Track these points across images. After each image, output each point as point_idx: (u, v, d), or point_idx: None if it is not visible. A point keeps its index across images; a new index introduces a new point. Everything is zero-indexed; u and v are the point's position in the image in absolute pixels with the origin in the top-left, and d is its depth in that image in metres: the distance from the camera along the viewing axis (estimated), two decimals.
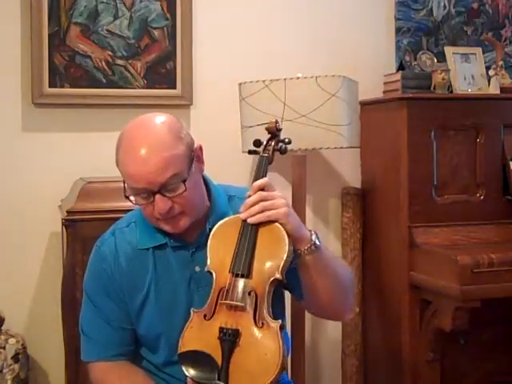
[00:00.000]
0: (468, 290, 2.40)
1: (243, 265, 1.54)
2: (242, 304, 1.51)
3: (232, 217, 1.64)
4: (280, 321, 1.51)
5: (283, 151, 1.71)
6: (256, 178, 1.62)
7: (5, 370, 2.44)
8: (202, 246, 1.66)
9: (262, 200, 1.55)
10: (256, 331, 1.49)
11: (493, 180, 2.81)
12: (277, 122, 1.72)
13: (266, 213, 1.55)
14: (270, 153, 1.69)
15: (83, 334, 1.74)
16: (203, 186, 1.70)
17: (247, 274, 1.53)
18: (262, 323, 1.49)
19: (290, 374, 2.59)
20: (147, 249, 1.69)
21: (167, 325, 1.67)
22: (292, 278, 1.63)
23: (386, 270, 2.90)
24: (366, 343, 3.04)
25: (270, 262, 1.54)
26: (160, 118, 1.63)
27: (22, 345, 2.53)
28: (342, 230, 3.07)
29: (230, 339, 1.47)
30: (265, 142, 1.71)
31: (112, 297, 1.69)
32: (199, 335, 1.52)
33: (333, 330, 3.09)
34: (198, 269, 1.67)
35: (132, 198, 1.61)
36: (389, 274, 2.87)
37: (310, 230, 1.62)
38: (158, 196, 1.57)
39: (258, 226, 1.56)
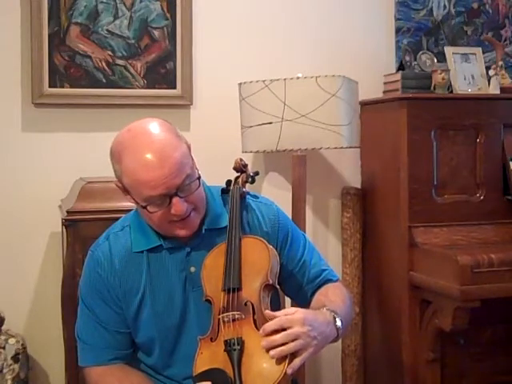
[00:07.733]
0: (468, 289, 2.39)
1: (232, 280, 1.59)
2: (240, 313, 1.54)
3: (216, 247, 1.68)
4: None
5: (252, 182, 1.86)
6: (231, 209, 1.70)
7: (5, 370, 2.44)
8: (197, 247, 1.68)
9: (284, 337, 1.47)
10: (259, 335, 1.50)
11: (493, 180, 2.81)
12: (241, 159, 1.88)
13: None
14: (240, 185, 1.79)
15: (79, 339, 1.73)
16: None
17: (238, 287, 1.58)
18: None
19: None
20: (142, 251, 1.68)
21: (162, 327, 1.67)
22: (291, 287, 1.76)
23: (385, 269, 2.90)
24: (366, 343, 3.04)
25: (257, 271, 1.61)
26: (152, 122, 1.61)
27: (22, 345, 2.53)
28: (342, 229, 3.07)
29: (235, 348, 1.49)
30: (233, 180, 1.82)
31: (108, 301, 1.68)
32: (209, 357, 1.54)
33: None
34: (193, 269, 1.67)
35: (148, 207, 1.58)
36: (389, 273, 2.87)
37: (332, 312, 1.59)
38: (175, 199, 1.55)
39: (240, 243, 1.64)
